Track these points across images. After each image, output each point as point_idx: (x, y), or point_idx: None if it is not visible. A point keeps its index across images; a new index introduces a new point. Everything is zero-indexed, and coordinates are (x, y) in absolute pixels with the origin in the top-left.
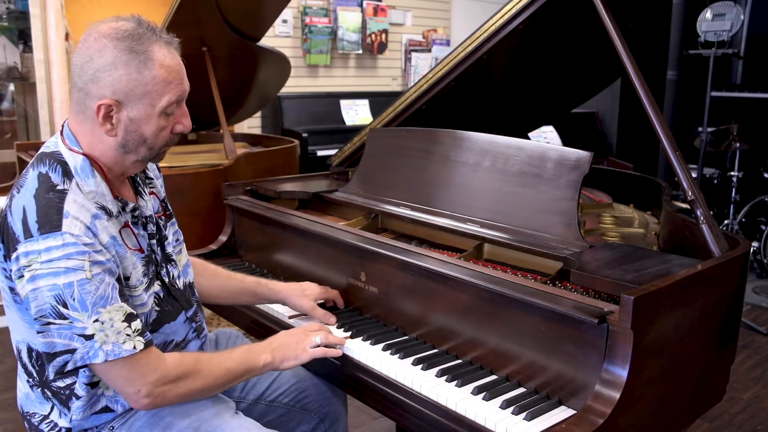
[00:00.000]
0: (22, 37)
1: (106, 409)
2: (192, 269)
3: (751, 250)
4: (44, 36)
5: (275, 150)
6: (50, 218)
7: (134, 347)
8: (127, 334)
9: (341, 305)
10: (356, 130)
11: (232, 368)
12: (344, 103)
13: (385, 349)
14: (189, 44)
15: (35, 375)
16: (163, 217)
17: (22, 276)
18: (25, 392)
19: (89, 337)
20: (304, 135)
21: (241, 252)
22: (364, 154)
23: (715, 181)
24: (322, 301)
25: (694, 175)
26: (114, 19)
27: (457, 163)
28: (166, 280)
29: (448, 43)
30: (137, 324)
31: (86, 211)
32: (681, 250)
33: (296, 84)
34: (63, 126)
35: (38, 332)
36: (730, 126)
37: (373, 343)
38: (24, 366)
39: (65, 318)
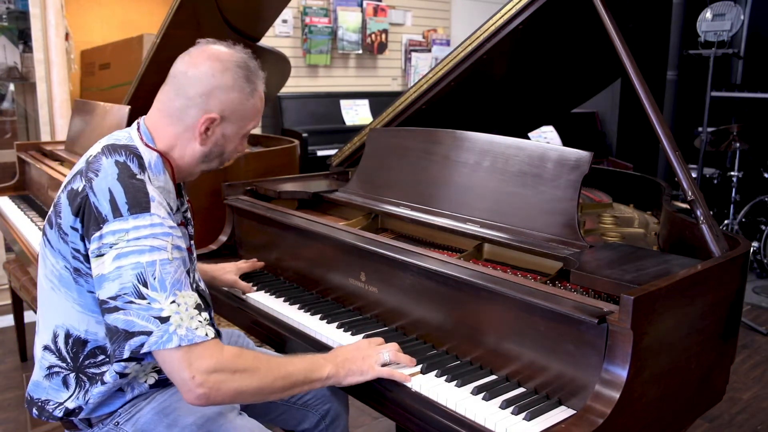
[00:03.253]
0: (22, 37)
1: (119, 391)
2: None
3: (751, 250)
4: (44, 36)
5: (275, 150)
6: (139, 200)
7: (206, 334)
8: (199, 321)
9: (261, 265)
10: (356, 130)
11: (293, 372)
12: (344, 103)
13: None
14: (189, 44)
15: (69, 360)
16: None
17: (102, 255)
18: (38, 380)
19: (165, 320)
20: (304, 135)
21: (241, 252)
22: (364, 154)
23: (715, 181)
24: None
25: (694, 175)
26: (228, 45)
27: (457, 163)
28: (195, 280)
29: (448, 43)
30: (206, 314)
31: (163, 200)
32: (681, 250)
33: (296, 84)
34: (138, 123)
35: (119, 309)
36: (730, 126)
37: None
38: (57, 351)
39: (144, 298)
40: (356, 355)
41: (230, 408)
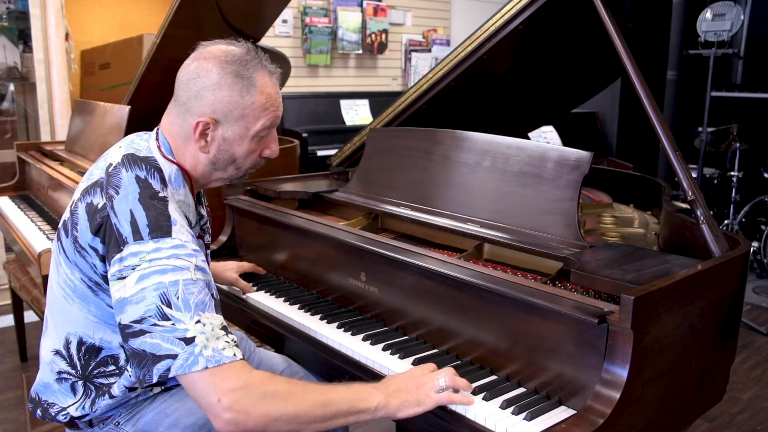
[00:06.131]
0: (22, 37)
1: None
2: None
3: (751, 250)
4: (44, 36)
5: None
6: (161, 224)
7: (234, 354)
8: (226, 341)
9: (262, 272)
10: (356, 130)
11: (335, 401)
12: (344, 103)
13: (385, 349)
14: (189, 45)
15: (79, 368)
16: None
17: (123, 278)
18: (47, 382)
19: (190, 341)
20: (304, 135)
21: (241, 252)
22: (364, 154)
23: (715, 181)
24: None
25: (694, 175)
26: (226, 43)
27: (457, 163)
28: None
29: (448, 43)
30: (233, 336)
31: (183, 220)
32: (681, 250)
33: (296, 84)
34: (157, 132)
35: (145, 332)
36: (730, 126)
37: (373, 343)
38: (69, 357)
39: (168, 319)
40: (410, 384)
41: None
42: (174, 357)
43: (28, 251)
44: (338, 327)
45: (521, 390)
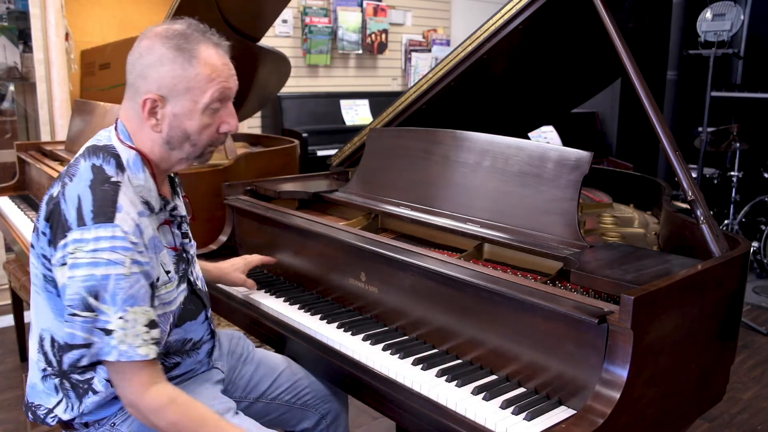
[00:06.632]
0: (22, 37)
1: (116, 400)
2: None
3: (751, 250)
4: (44, 36)
5: (275, 150)
6: (105, 209)
7: (147, 354)
8: (144, 339)
9: (272, 261)
10: (356, 130)
11: None
12: (344, 103)
13: (385, 349)
14: None
15: (55, 364)
16: (189, 221)
17: (65, 264)
18: (34, 383)
19: (108, 333)
20: (304, 135)
21: (241, 252)
22: (364, 154)
23: (715, 181)
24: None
25: (694, 175)
26: (169, 21)
27: (457, 163)
28: (191, 279)
29: (448, 43)
30: (156, 333)
31: (134, 208)
32: (681, 250)
33: (296, 84)
34: (116, 122)
35: (65, 321)
36: (730, 126)
37: (373, 343)
38: (45, 354)
39: (92, 311)
40: None
41: (226, 408)
42: (88, 347)
43: (28, 251)
44: (338, 327)
45: (521, 390)
